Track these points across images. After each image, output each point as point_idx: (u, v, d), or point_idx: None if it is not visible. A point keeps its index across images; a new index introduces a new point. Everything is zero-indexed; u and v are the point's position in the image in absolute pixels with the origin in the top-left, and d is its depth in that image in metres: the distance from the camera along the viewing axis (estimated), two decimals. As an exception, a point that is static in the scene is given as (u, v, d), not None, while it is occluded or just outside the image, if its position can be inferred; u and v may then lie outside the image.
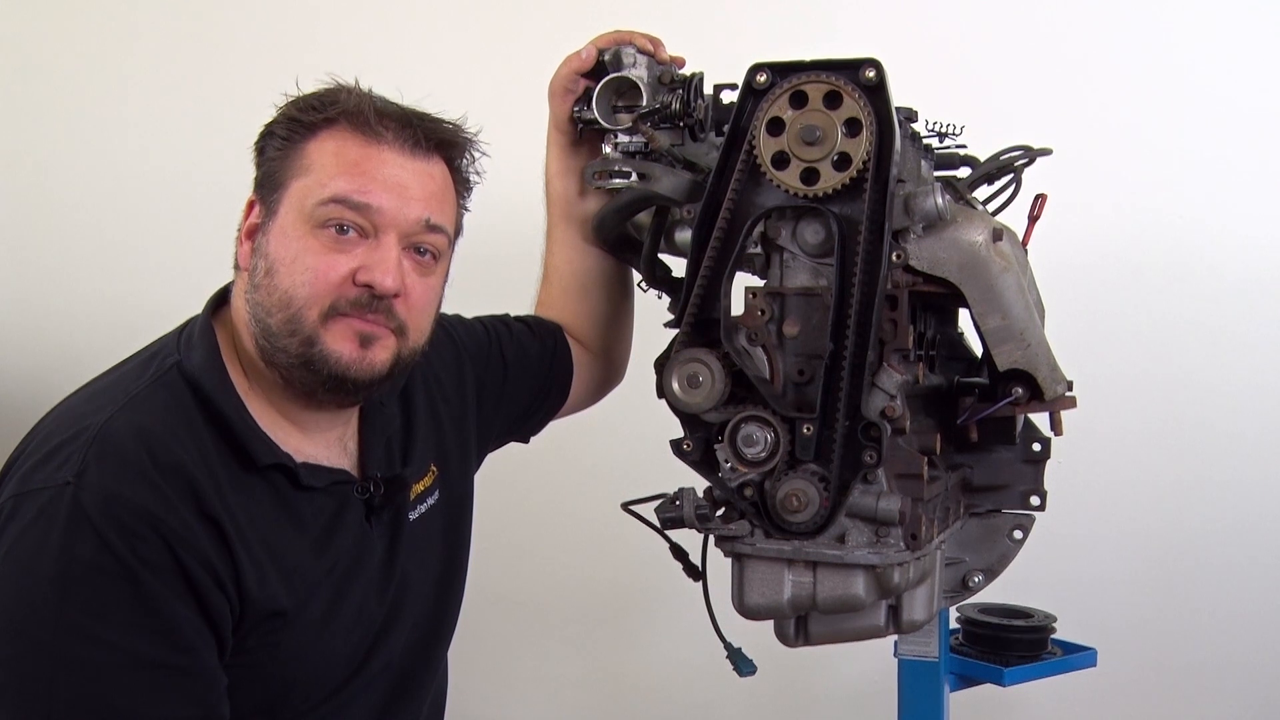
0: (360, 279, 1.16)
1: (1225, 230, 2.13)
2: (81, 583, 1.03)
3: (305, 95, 1.20)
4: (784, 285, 1.24)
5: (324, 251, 1.15)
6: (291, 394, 1.20)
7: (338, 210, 1.15)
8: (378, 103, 1.20)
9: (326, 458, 1.24)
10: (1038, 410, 1.34)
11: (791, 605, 1.23)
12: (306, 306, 1.15)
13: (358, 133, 1.17)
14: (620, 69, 1.39)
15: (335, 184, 1.16)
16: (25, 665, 1.04)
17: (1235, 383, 2.15)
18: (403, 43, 2.30)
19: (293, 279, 1.15)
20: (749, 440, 1.21)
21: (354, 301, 1.16)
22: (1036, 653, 1.60)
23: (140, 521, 1.05)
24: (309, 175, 1.16)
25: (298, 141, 1.18)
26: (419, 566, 1.33)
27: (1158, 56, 2.13)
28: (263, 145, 1.21)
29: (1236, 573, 2.16)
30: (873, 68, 1.18)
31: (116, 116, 2.38)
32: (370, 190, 1.16)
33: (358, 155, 1.17)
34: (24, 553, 1.05)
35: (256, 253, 1.18)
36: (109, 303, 2.33)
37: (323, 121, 1.18)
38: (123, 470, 1.07)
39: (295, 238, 1.16)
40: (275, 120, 1.20)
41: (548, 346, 1.54)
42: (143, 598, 1.05)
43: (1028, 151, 1.39)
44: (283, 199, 1.17)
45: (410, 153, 1.19)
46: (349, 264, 1.16)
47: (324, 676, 1.21)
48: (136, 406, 1.13)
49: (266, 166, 1.20)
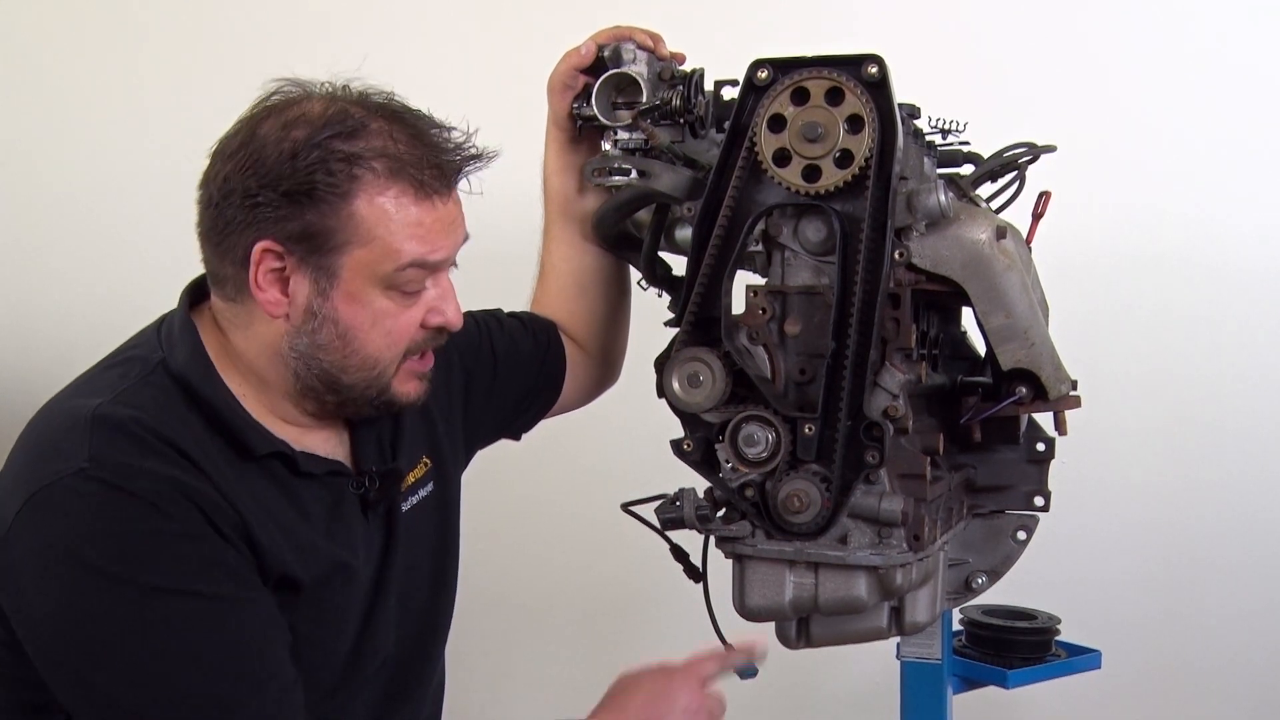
0: (433, 322, 1.20)
1: (1231, 227, 2.12)
2: (136, 548, 1.04)
3: (311, 141, 1.10)
4: (785, 283, 1.23)
5: (400, 310, 1.18)
6: (306, 404, 1.21)
7: (416, 274, 1.17)
8: (402, 143, 1.14)
9: (322, 450, 1.24)
10: (1042, 410, 1.33)
11: (793, 607, 1.23)
12: (390, 364, 1.19)
13: (406, 186, 1.13)
14: (620, 65, 1.38)
15: (408, 249, 1.14)
16: (119, 647, 1.03)
17: (1243, 382, 2.14)
18: (401, 40, 2.29)
19: (376, 343, 1.17)
20: (750, 440, 1.20)
21: (425, 342, 1.21)
22: (1041, 655, 1.60)
23: (165, 485, 1.06)
24: (373, 243, 1.13)
25: (332, 205, 1.11)
26: (415, 559, 1.33)
27: (1164, 50, 2.13)
28: (278, 201, 1.10)
29: (1243, 574, 2.15)
30: (875, 64, 1.17)
31: (106, 113, 2.37)
32: (440, 247, 1.17)
33: (418, 214, 1.14)
34: (64, 544, 1.04)
35: (310, 313, 1.15)
36: (98, 300, 2.33)
37: (357, 180, 1.11)
38: (130, 446, 1.07)
39: (368, 301, 1.15)
40: (285, 182, 1.10)
41: (540, 342, 1.54)
42: (197, 543, 1.06)
43: (1032, 148, 1.39)
44: (343, 265, 1.13)
45: (449, 189, 1.19)
46: (420, 313, 1.19)
47: (322, 670, 1.21)
48: (126, 399, 1.12)
49: (301, 224, 1.11)
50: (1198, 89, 2.12)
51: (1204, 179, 2.12)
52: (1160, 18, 2.13)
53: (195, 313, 1.22)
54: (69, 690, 1.07)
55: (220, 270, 1.17)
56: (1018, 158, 1.39)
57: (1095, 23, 2.15)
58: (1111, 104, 2.12)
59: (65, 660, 1.05)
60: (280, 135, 1.11)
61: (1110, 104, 2.12)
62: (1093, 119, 2.09)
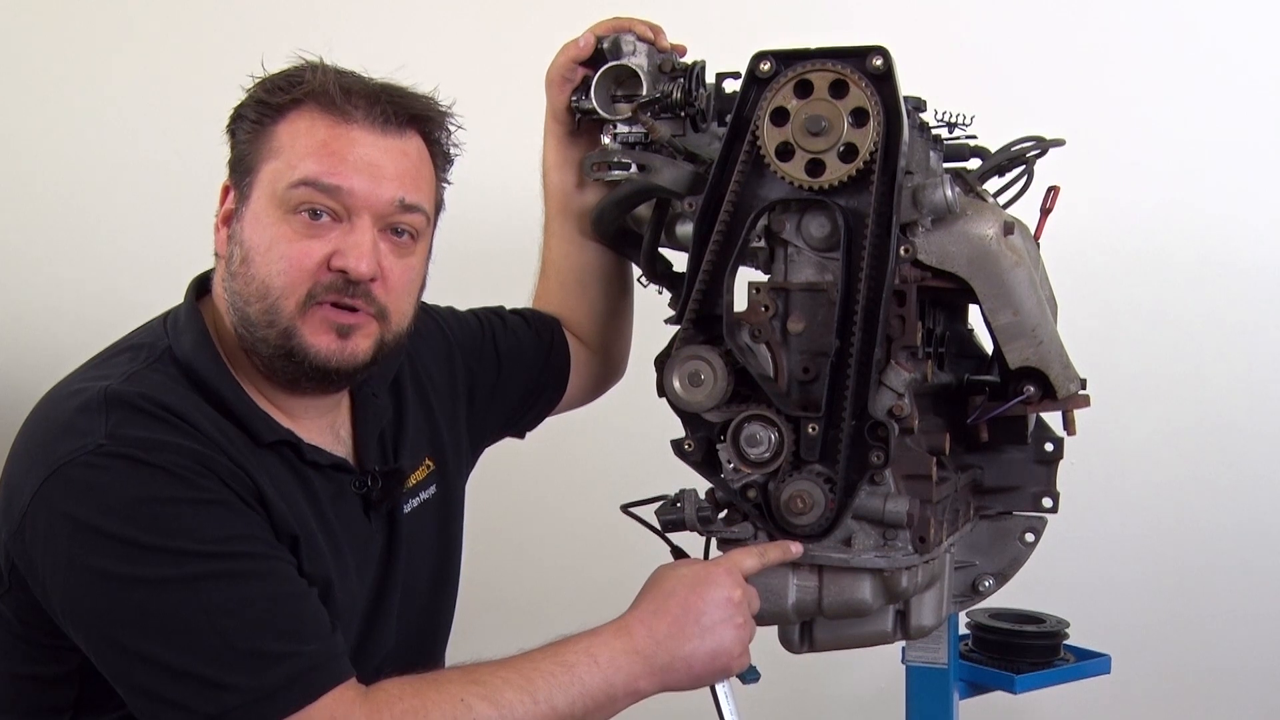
0: (335, 264, 1.14)
1: (1243, 224, 2.11)
2: (164, 516, 1.05)
3: (272, 75, 1.18)
4: (788, 280, 1.23)
5: (297, 238, 1.14)
6: (275, 381, 1.19)
7: (308, 194, 1.14)
8: (346, 79, 1.18)
9: (324, 444, 1.24)
10: (1050, 409, 1.33)
11: (796, 610, 1.23)
12: (283, 296, 1.14)
13: (326, 112, 1.16)
14: (619, 57, 1.37)
15: (304, 166, 1.14)
16: (162, 613, 1.03)
17: (1254, 381, 2.13)
18: (398, 31, 2.29)
19: (268, 267, 1.14)
20: (752, 440, 1.20)
21: (329, 287, 1.15)
22: (1049, 659, 1.58)
23: (185, 456, 1.07)
24: (278, 158, 1.15)
25: (267, 124, 1.16)
26: (416, 561, 1.33)
27: (1174, 43, 2.12)
28: (233, 129, 1.20)
29: (1254, 577, 2.14)
30: (880, 56, 1.17)
31: (96, 106, 2.38)
32: (340, 172, 1.14)
33: (326, 135, 1.15)
34: (92, 520, 1.04)
35: (232, 239, 1.17)
36: (90, 299, 2.33)
37: (290, 102, 1.16)
38: (147, 421, 1.08)
39: (269, 224, 1.14)
40: (244, 102, 1.19)
41: (544, 340, 1.53)
42: (221, 508, 1.07)
43: (1040, 142, 1.38)
44: (255, 183, 1.16)
45: (381, 130, 1.17)
46: (323, 249, 1.14)
47: None
48: (135, 381, 1.13)
49: (237, 150, 1.19)
50: (1211, 83, 2.11)
51: (1216, 174, 2.11)
52: (1174, 10, 2.12)
53: (201, 304, 1.22)
54: (115, 661, 1.07)
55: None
56: (1025, 151, 1.38)
57: (1106, 15, 2.14)
58: (1122, 97, 2.11)
59: (109, 633, 1.05)
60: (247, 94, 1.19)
61: (1121, 97, 2.11)
62: (1103, 112, 2.08)
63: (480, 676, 1.09)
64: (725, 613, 1.15)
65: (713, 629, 1.14)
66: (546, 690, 1.08)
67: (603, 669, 1.11)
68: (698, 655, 1.14)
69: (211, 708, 1.02)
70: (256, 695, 1.02)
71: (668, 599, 1.15)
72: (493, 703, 1.06)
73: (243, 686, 1.02)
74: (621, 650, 1.12)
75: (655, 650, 1.13)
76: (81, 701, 1.14)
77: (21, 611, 1.12)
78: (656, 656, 1.13)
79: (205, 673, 1.03)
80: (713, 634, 1.14)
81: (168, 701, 1.03)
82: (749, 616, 1.18)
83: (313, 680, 1.04)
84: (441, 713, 1.04)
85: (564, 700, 1.08)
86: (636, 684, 1.13)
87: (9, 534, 1.09)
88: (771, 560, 1.20)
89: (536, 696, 1.07)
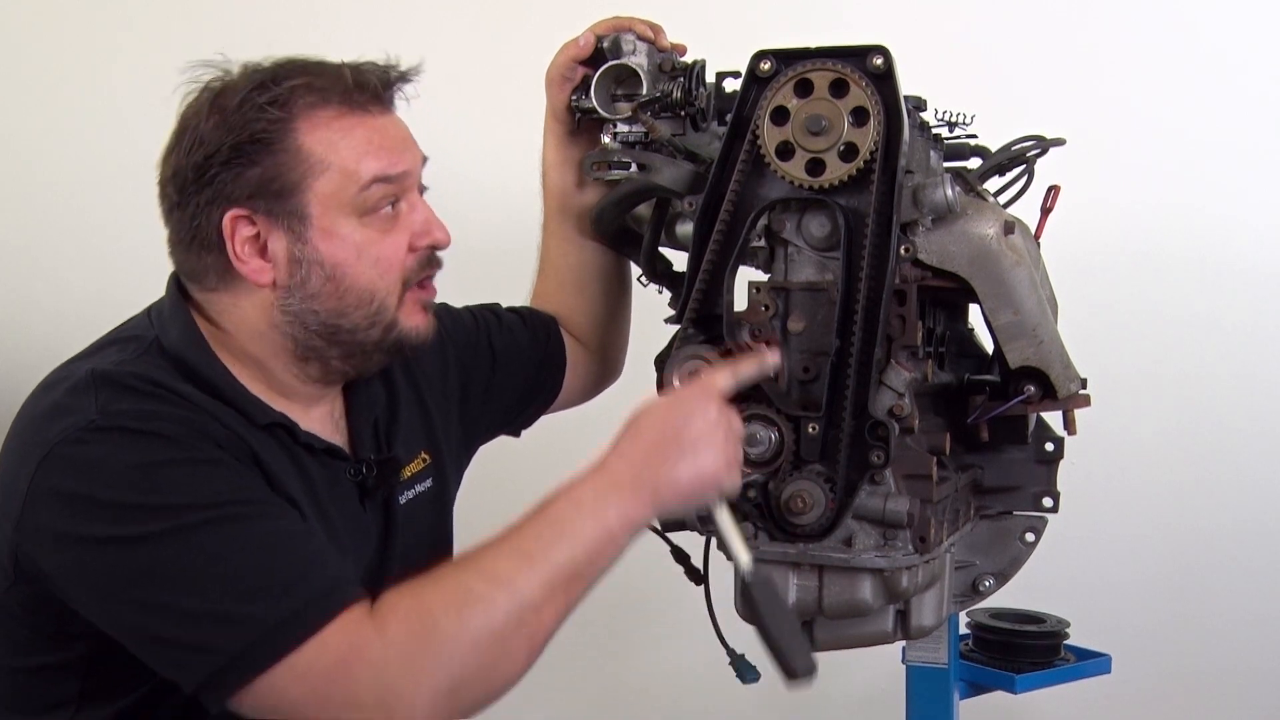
0: (422, 244, 1.19)
1: (1244, 224, 2.11)
2: (162, 479, 1.04)
3: (250, 100, 1.13)
4: (789, 280, 1.23)
5: (380, 236, 1.17)
6: (309, 370, 1.20)
7: (383, 189, 1.16)
8: (330, 72, 1.17)
9: (322, 432, 1.24)
10: (1050, 409, 1.33)
11: (797, 610, 1.22)
12: (388, 294, 1.18)
13: (340, 108, 1.15)
14: (619, 56, 1.37)
15: (366, 166, 1.15)
16: (173, 565, 1.03)
17: (1255, 381, 2.12)
18: (397, 30, 2.28)
19: (366, 273, 1.16)
20: (752, 440, 1.20)
21: (419, 269, 1.20)
22: (1049, 659, 1.59)
23: (178, 424, 1.08)
24: (330, 171, 1.13)
25: (278, 146, 1.13)
26: (411, 552, 1.31)
27: (1175, 42, 2.11)
28: (228, 161, 1.13)
29: (1255, 577, 2.14)
30: (880, 55, 1.17)
31: (96, 106, 2.37)
32: (398, 159, 1.17)
33: (365, 132, 1.16)
34: (91, 491, 1.04)
35: (297, 263, 1.15)
36: (87, 298, 2.32)
37: (293, 115, 1.13)
38: (137, 397, 1.09)
39: (347, 233, 1.15)
40: (227, 140, 1.12)
41: (540, 338, 1.53)
42: (219, 466, 1.08)
43: (1040, 141, 1.38)
44: (308, 203, 1.14)
45: (386, 109, 1.20)
46: (404, 237, 1.18)
47: None
48: (126, 365, 1.13)
49: (257, 176, 1.13)
50: (1211, 83, 2.11)
51: (1217, 174, 2.11)
52: (1174, 10, 2.12)
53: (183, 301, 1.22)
54: (131, 620, 1.06)
55: (199, 265, 1.17)
56: (1026, 151, 1.38)
57: (1106, 15, 2.14)
58: (1122, 97, 2.11)
59: (121, 593, 1.05)
60: (210, 108, 1.14)
61: (1121, 97, 2.11)
62: (1103, 111, 2.07)
63: (473, 559, 1.07)
64: (704, 429, 1.11)
65: (694, 446, 1.10)
66: (542, 550, 1.05)
67: (592, 512, 1.07)
68: (683, 474, 1.10)
69: (232, 645, 1.01)
70: (274, 623, 1.01)
71: (643, 429, 1.12)
72: (490, 578, 1.04)
73: (258, 616, 1.01)
74: (606, 488, 1.09)
75: (638, 478, 1.09)
76: (85, 693, 1.14)
77: (28, 601, 1.12)
78: (642, 483, 1.09)
79: (219, 609, 1.02)
80: (695, 451, 1.10)
81: (187, 646, 1.03)
82: (731, 432, 1.14)
83: (326, 605, 1.03)
84: (443, 602, 1.03)
85: (563, 554, 1.05)
86: (629, 515, 1.09)
87: (11, 527, 1.08)
88: (746, 375, 1.18)
89: (533, 559, 1.05)
